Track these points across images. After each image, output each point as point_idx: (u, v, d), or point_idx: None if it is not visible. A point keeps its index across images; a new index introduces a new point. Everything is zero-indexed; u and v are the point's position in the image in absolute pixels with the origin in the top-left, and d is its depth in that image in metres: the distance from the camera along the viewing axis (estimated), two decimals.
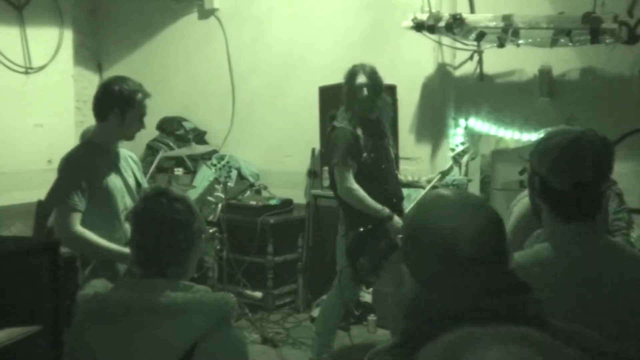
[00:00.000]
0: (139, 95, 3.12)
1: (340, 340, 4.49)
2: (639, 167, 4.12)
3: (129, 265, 2.96)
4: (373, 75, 3.94)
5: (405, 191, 4.30)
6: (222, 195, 4.79)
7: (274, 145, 5.92)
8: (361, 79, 3.90)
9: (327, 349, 4.15)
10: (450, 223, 1.24)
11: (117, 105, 3.08)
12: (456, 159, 4.27)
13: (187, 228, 1.96)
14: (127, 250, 3.00)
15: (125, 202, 3.14)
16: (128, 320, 1.85)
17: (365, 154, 3.86)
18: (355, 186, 3.82)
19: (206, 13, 6.35)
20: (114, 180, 3.11)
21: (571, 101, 4.71)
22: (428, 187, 4.23)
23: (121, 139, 3.21)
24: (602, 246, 1.86)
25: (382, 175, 3.98)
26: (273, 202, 5.49)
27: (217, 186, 5.20)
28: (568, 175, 1.82)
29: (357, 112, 3.88)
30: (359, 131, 3.86)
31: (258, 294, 5.32)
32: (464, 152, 4.30)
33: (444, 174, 4.23)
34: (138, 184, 3.27)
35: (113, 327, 1.86)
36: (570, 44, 4.44)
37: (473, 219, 1.26)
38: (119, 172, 3.17)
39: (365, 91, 3.89)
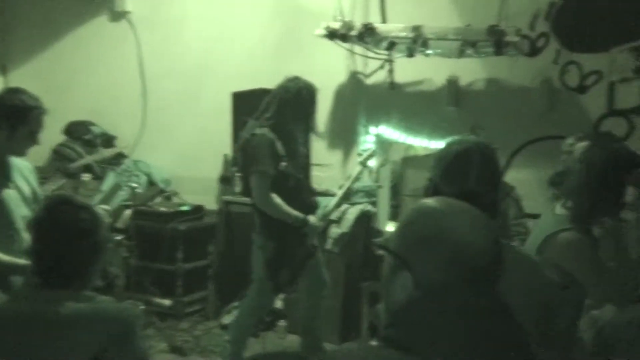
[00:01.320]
0: (34, 111, 3.00)
1: (250, 347, 4.45)
2: (539, 174, 4.27)
3: (22, 275, 2.84)
4: None
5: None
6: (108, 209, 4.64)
7: (185, 151, 5.84)
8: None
9: (238, 357, 4.10)
10: (468, 234, 1.23)
11: (7, 120, 2.96)
12: (363, 164, 4.33)
13: (91, 237, 1.91)
14: (20, 261, 2.89)
15: (21, 212, 3.02)
16: (27, 333, 1.77)
17: (284, 163, 3.83)
18: (273, 195, 3.78)
19: (117, 16, 6.21)
20: (7, 191, 2.99)
21: (477, 110, 4.87)
22: (341, 192, 4.27)
23: (10, 154, 3.08)
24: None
25: (299, 184, 3.96)
26: (184, 208, 5.40)
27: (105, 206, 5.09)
28: (455, 183, 1.88)
29: (281, 121, 3.85)
30: (278, 140, 3.84)
31: (167, 302, 5.21)
32: (370, 156, 4.37)
33: (355, 179, 4.28)
34: (34, 193, 3.16)
35: (11, 340, 1.78)
36: (476, 55, 4.60)
37: (487, 233, 1.26)
38: (12, 182, 3.05)
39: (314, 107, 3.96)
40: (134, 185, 5.07)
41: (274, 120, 3.83)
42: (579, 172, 2.50)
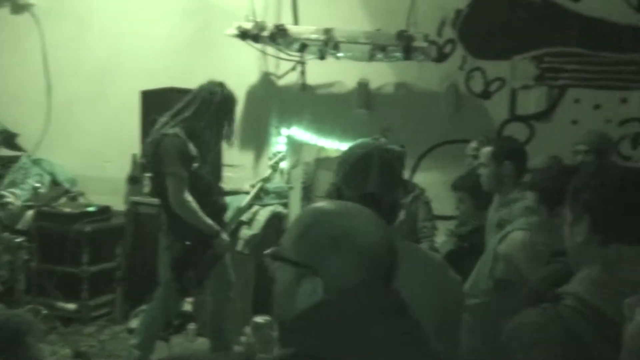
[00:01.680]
0: None
1: (159, 351, 4.37)
2: (446, 177, 4.38)
3: None
4: None
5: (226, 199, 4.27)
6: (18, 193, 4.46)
7: (92, 150, 5.65)
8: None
9: None
10: (371, 234, 1.25)
11: None
12: (274, 167, 4.32)
13: None
14: None
15: None
16: None
17: (195, 164, 3.76)
18: (190, 198, 3.68)
19: (20, 8, 5.94)
20: None
21: (386, 113, 4.96)
22: (253, 192, 4.24)
23: None
24: (400, 248, 1.97)
25: (210, 186, 3.91)
26: (90, 209, 5.23)
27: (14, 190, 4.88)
28: (356, 186, 1.91)
29: (198, 122, 3.76)
30: (190, 140, 3.76)
31: (71, 306, 5.03)
32: (280, 160, 4.38)
33: (265, 180, 4.27)
34: None
35: None
36: (386, 59, 4.68)
37: (385, 232, 1.28)
38: None
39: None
40: (37, 185, 4.88)
41: (190, 121, 3.75)
42: None
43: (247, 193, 4.30)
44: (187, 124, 3.74)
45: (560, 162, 3.94)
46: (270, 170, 4.33)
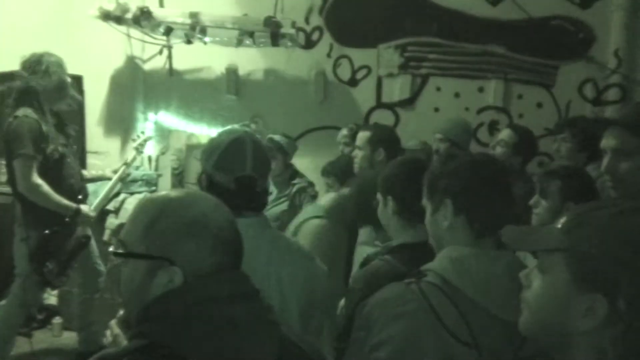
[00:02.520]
0: None
1: (21, 346, 4.17)
2: (316, 163, 4.41)
3: None
4: None
5: (91, 187, 4.13)
6: None
7: None
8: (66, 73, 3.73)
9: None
10: (222, 217, 1.26)
11: None
12: (138, 149, 4.21)
13: None
14: None
15: None
16: None
17: (51, 147, 3.60)
18: (40, 181, 3.53)
19: None
20: None
21: (256, 100, 4.96)
22: (115, 177, 4.12)
23: None
24: (270, 236, 2.01)
25: (68, 169, 3.75)
26: None
27: None
28: (229, 172, 1.94)
29: (46, 102, 3.61)
30: (44, 122, 3.59)
31: None
32: (145, 140, 4.26)
33: (128, 164, 4.15)
34: None
35: None
36: (254, 45, 4.66)
37: (230, 215, 1.29)
38: None
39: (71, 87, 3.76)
40: None
41: (29, 101, 3.59)
42: None
43: (110, 179, 4.18)
44: (32, 104, 3.58)
45: (430, 148, 4.09)
46: (134, 152, 4.22)
